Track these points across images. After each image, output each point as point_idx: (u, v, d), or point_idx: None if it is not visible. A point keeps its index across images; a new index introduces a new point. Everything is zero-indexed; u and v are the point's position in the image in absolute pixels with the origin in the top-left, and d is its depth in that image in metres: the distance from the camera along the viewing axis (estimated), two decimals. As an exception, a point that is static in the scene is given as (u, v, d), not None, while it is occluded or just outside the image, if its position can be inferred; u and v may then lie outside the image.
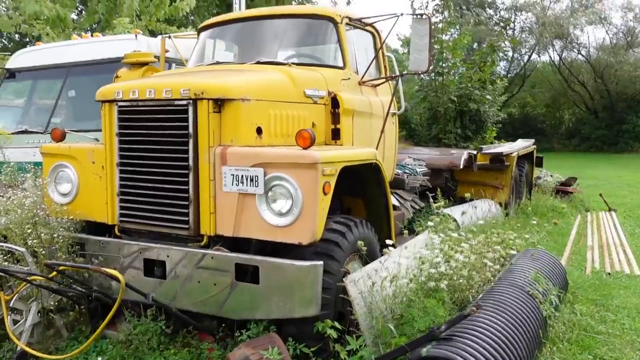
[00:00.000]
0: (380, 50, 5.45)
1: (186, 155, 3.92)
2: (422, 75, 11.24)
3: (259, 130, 4.02)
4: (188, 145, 3.90)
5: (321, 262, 3.61)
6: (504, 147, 9.57)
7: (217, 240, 3.99)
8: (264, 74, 4.33)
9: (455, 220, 7.34)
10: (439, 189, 6.59)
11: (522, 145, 10.50)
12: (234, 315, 3.83)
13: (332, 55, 4.96)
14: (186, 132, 3.90)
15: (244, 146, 3.89)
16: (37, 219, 4.18)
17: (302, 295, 3.59)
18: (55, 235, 4.16)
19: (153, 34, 10.93)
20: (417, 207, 6.65)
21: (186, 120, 3.89)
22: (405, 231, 4.64)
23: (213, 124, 3.87)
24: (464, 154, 8.45)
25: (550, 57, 38.80)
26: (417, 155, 8.68)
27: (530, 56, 38.79)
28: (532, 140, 11.50)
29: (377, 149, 5.02)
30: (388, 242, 4.03)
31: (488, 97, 10.67)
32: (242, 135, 3.91)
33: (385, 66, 5.54)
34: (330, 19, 4.92)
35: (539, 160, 11.94)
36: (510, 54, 38.01)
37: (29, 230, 4.11)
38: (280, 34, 5.07)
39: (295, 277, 3.59)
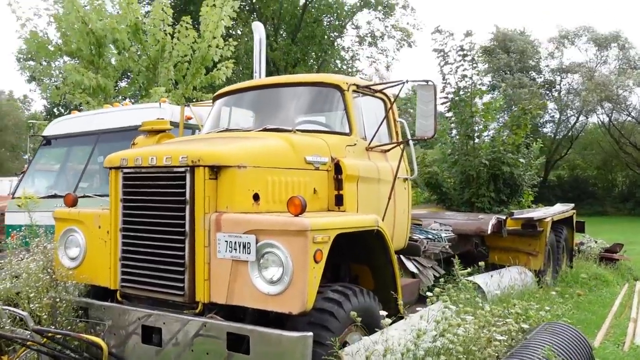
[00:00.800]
0: (392, 117, 5.44)
1: (183, 221, 3.94)
2: (454, 139, 11.17)
3: (256, 197, 4.02)
4: (185, 211, 3.94)
5: (310, 334, 3.48)
6: (538, 212, 9.25)
7: (212, 308, 3.93)
8: (263, 141, 4.38)
9: (479, 287, 7.08)
10: (456, 257, 6.39)
11: (558, 210, 10.13)
12: (227, 386, 3.71)
13: (339, 122, 4.99)
14: (183, 198, 3.94)
15: (240, 212, 3.88)
16: (40, 283, 4.24)
17: (290, 367, 3.46)
18: (57, 299, 4.20)
19: (190, 101, 11.34)
20: (437, 274, 6.42)
21: (184, 186, 3.94)
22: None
23: (209, 191, 3.90)
24: (492, 219, 8.20)
25: (598, 118, 38.04)
26: (444, 220, 8.48)
27: (577, 118, 38.08)
28: (571, 205, 11.09)
29: (385, 214, 4.93)
30: (382, 313, 3.85)
31: (521, 160, 10.41)
32: (238, 201, 3.92)
33: (397, 132, 5.51)
34: (337, 87, 4.98)
35: (579, 225, 11.46)
36: (557, 116, 37.54)
37: (32, 295, 4.18)
38: (289, 101, 5.15)
39: (284, 348, 3.48)
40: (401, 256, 6.28)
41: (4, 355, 4.36)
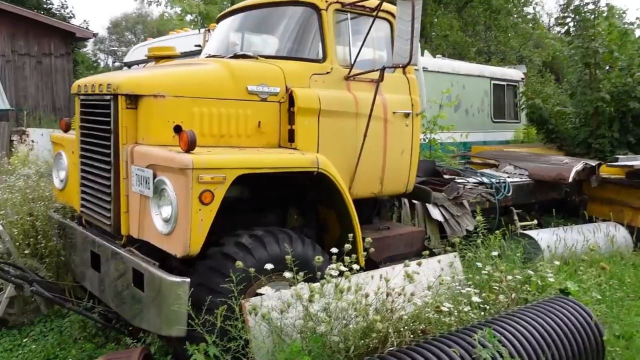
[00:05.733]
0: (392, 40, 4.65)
1: (109, 151, 3.86)
2: (578, 68, 9.47)
3: (177, 129, 3.74)
4: (110, 141, 3.84)
5: (187, 280, 3.25)
6: (654, 160, 7.55)
7: (135, 241, 3.86)
8: (195, 68, 4.02)
9: (537, 243, 6.08)
10: (477, 209, 5.49)
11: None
12: (133, 321, 3.68)
13: (312, 47, 4.39)
14: (109, 127, 3.83)
15: (157, 145, 3.66)
16: (14, 201, 4.53)
17: (166, 312, 3.28)
18: (29, 219, 4.47)
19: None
20: (469, 224, 5.60)
21: (109, 115, 3.82)
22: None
23: (127, 121, 3.73)
24: (578, 165, 6.90)
25: None
26: (522, 163, 7.35)
27: None
28: None
29: (360, 154, 4.34)
30: (268, 266, 3.39)
31: (656, 94, 8.47)
32: (155, 133, 3.69)
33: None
34: (313, 5, 4.35)
35: None
36: None
37: (2, 212, 4.49)
38: (266, 23, 4.66)
39: (164, 290, 3.30)
40: (427, 204, 5.58)
41: None
